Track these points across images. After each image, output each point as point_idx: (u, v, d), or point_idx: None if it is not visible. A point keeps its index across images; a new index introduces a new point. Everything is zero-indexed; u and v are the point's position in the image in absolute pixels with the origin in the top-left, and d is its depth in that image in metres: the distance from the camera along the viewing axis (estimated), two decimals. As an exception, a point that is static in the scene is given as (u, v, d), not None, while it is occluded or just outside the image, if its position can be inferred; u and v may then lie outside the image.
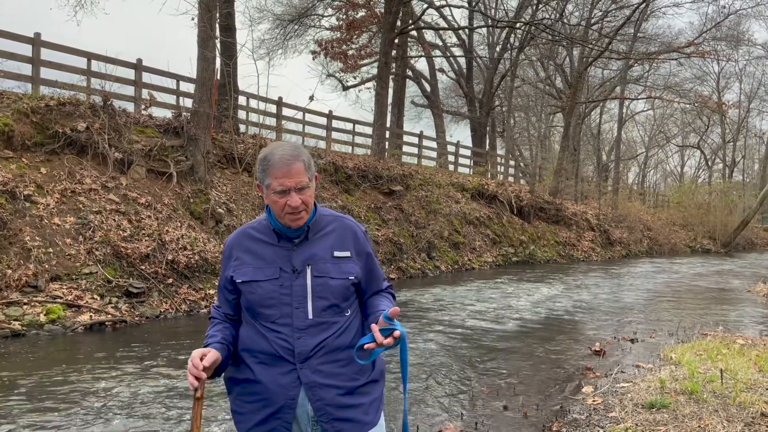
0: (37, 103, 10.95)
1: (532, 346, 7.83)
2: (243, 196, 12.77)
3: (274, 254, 2.05)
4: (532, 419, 4.85)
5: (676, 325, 9.30)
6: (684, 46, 29.24)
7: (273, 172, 1.96)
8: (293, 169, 1.96)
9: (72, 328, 7.95)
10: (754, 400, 4.73)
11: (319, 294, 2.02)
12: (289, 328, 1.99)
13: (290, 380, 1.98)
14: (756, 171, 57.17)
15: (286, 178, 1.95)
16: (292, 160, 1.97)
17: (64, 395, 5.23)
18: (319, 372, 1.99)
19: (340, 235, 2.11)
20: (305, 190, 1.99)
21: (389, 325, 1.91)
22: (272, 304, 2.01)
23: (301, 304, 2.01)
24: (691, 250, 34.87)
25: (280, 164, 1.96)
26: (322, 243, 2.08)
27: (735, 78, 49.35)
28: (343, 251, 2.09)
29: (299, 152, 2.01)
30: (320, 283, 2.02)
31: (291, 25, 27.33)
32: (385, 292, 2.24)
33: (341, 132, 22.40)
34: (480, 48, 34.65)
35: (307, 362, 1.99)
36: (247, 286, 2.04)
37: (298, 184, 1.97)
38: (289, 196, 1.96)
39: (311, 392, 1.98)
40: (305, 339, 1.99)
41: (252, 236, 2.10)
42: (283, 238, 2.06)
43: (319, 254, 2.05)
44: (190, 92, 14.62)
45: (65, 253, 9.12)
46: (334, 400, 1.99)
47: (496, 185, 25.00)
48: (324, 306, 2.02)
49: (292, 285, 2.01)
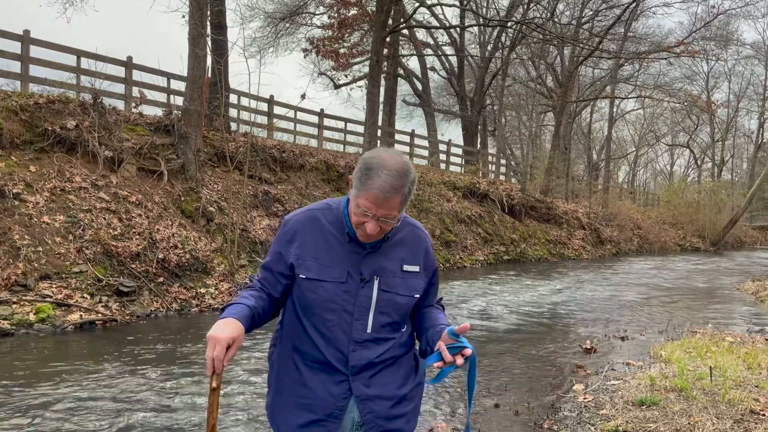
0: (26, 101, 10.87)
1: (523, 344, 7.86)
2: (234, 195, 12.73)
3: (344, 255, 1.89)
4: (524, 417, 4.86)
5: (666, 322, 9.36)
6: (674, 46, 29.41)
7: (367, 193, 1.76)
8: (389, 202, 1.76)
9: (62, 327, 7.90)
10: (742, 397, 4.77)
11: (383, 309, 1.90)
12: (346, 338, 1.89)
13: (341, 391, 1.91)
14: (744, 170, 57.60)
15: (376, 207, 1.76)
16: (392, 193, 1.75)
17: (52, 394, 5.19)
18: (372, 384, 1.92)
19: (411, 246, 1.98)
20: (389, 223, 1.82)
21: (457, 342, 1.78)
22: (333, 309, 1.88)
23: (362, 316, 1.89)
24: (681, 248, 35.10)
25: (377, 190, 1.74)
26: (393, 254, 1.93)
27: (724, 77, 49.78)
28: (413, 266, 1.96)
29: (404, 182, 1.77)
30: (386, 298, 1.90)
31: (282, 23, 27.24)
32: (438, 305, 2.13)
33: (333, 130, 22.41)
34: (471, 47, 34.72)
35: (359, 375, 1.91)
36: (310, 283, 1.89)
37: (384, 216, 1.78)
38: (369, 221, 1.78)
39: (363, 405, 1.91)
40: (360, 352, 1.90)
41: (322, 225, 1.93)
42: (355, 242, 1.90)
43: (389, 266, 1.91)
44: (181, 90, 14.56)
45: (55, 252, 9.06)
46: (384, 412, 1.94)
47: (488, 184, 25.05)
48: (384, 322, 1.92)
49: (358, 294, 1.88)
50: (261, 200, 14.02)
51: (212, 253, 11.17)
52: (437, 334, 1.90)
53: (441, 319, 2.00)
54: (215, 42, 14.94)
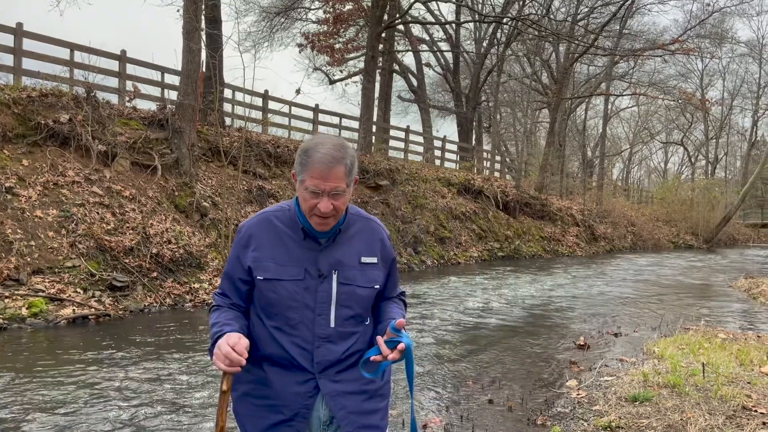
0: (19, 94, 10.80)
1: (517, 341, 7.87)
2: (228, 190, 12.69)
3: (300, 253, 1.90)
4: (517, 412, 4.87)
5: (659, 319, 9.40)
6: (669, 43, 29.45)
7: (310, 170, 1.80)
8: (332, 172, 1.79)
9: (54, 321, 7.86)
10: (735, 393, 4.79)
11: (344, 302, 1.91)
12: (309, 334, 1.89)
13: (307, 389, 1.90)
14: (738, 168, 57.88)
15: (322, 181, 1.79)
16: (334, 163, 1.79)
17: (43, 389, 5.17)
18: (339, 381, 1.92)
19: (367, 239, 1.99)
20: (340, 197, 1.83)
21: (396, 336, 1.82)
22: (294, 307, 1.88)
23: (324, 312, 1.89)
24: (674, 245, 35.24)
25: (319, 164, 1.79)
26: (350, 247, 1.95)
27: (718, 75, 50.01)
28: (371, 257, 1.97)
29: (343, 153, 1.83)
30: (346, 291, 1.91)
31: (277, 18, 27.16)
32: (398, 298, 2.14)
33: (328, 126, 22.37)
34: (467, 43, 34.71)
35: (325, 372, 1.90)
36: (269, 284, 1.89)
37: (333, 189, 1.80)
38: (320, 200, 1.81)
39: (333, 402, 1.90)
40: (325, 348, 1.90)
41: (275, 227, 1.94)
42: (310, 238, 1.91)
43: (346, 259, 1.93)
44: (175, 84, 14.48)
45: (47, 246, 9.01)
46: (356, 407, 1.93)
47: (482, 180, 25.07)
48: (347, 315, 1.92)
49: (317, 290, 1.89)
50: (255, 195, 13.98)
51: (206, 248, 11.14)
52: (383, 329, 1.93)
53: (391, 313, 2.01)
54: (210, 36, 14.88)
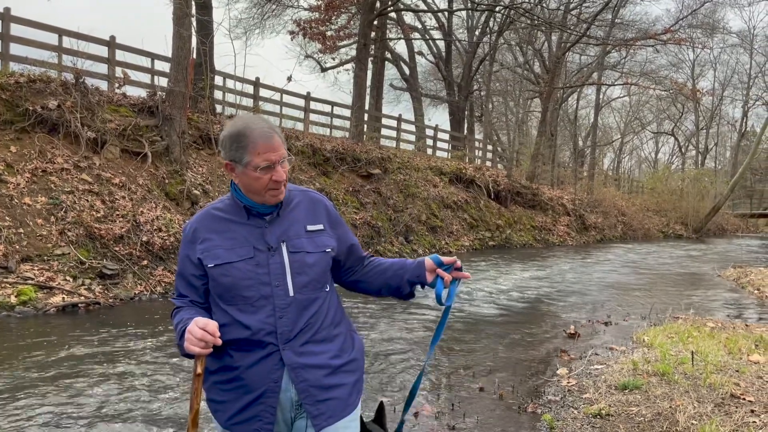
0: (7, 80, 10.65)
1: (508, 329, 7.91)
2: (219, 178, 12.62)
3: (246, 233, 1.96)
4: (508, 400, 4.90)
5: (649, 308, 9.46)
6: (660, 33, 29.44)
7: (255, 147, 1.87)
8: (275, 142, 1.90)
9: (44, 309, 7.81)
10: (723, 381, 4.83)
11: (298, 270, 1.95)
12: (270, 307, 1.91)
13: (272, 363, 1.91)
14: (728, 158, 58.17)
15: (271, 153, 1.88)
16: (272, 133, 1.90)
17: (31, 377, 5.14)
18: (302, 353, 1.93)
19: (309, 208, 2.07)
20: (288, 162, 1.94)
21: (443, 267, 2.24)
22: (250, 285, 1.91)
23: (281, 282, 1.93)
24: (664, 235, 35.44)
25: (262, 138, 1.88)
26: (294, 218, 2.02)
27: (709, 66, 50.23)
28: (316, 224, 2.05)
29: (272, 124, 1.96)
30: (297, 259, 1.96)
31: (269, 5, 26.89)
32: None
33: (319, 114, 22.25)
34: (459, 31, 34.57)
35: (289, 343, 1.91)
36: (220, 269, 1.92)
37: (281, 157, 1.90)
38: (274, 171, 1.89)
39: (294, 374, 1.91)
40: (288, 317, 1.92)
41: (217, 216, 2.00)
42: (254, 215, 1.98)
43: (293, 230, 1.99)
44: (166, 71, 14.35)
45: (36, 234, 8.94)
46: (318, 381, 1.94)
47: (474, 170, 25.07)
48: (304, 282, 1.96)
49: (269, 263, 1.93)
50: (246, 183, 13.90)
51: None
52: (410, 265, 2.17)
53: (395, 260, 2.18)
54: (200, 22, 14.73)
